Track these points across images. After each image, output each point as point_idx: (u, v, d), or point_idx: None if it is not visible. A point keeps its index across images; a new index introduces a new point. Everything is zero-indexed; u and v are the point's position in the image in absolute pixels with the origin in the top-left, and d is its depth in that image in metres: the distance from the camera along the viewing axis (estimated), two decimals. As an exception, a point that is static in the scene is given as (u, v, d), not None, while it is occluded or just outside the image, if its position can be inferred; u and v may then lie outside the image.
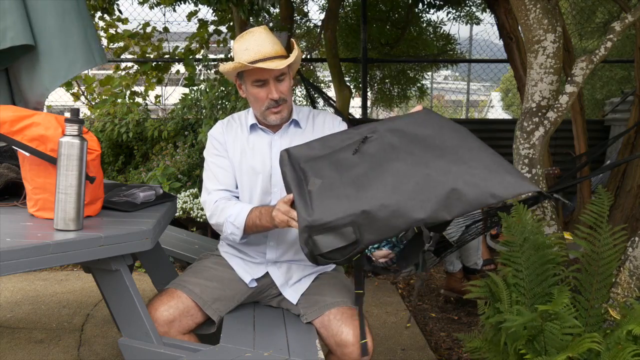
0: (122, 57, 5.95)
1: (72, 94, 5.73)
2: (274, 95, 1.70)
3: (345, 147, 1.43)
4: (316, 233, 1.29)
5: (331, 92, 6.37)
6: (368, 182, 1.31)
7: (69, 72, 2.19)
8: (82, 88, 5.76)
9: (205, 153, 1.84)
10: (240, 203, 1.73)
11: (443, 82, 14.11)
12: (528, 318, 1.46)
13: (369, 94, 6.73)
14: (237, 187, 1.79)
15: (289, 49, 1.74)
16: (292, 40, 1.92)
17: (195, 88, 4.70)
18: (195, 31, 5.74)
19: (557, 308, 1.43)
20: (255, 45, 1.67)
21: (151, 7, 5.38)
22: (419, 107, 1.50)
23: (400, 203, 1.27)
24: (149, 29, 5.82)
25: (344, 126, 1.84)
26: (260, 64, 1.64)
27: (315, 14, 18.60)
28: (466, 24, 6.50)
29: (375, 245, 3.23)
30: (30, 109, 1.64)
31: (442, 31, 6.47)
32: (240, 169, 1.78)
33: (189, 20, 5.63)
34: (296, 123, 1.81)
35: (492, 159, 1.31)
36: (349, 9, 6.47)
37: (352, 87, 5.95)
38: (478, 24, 6.69)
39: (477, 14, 6.41)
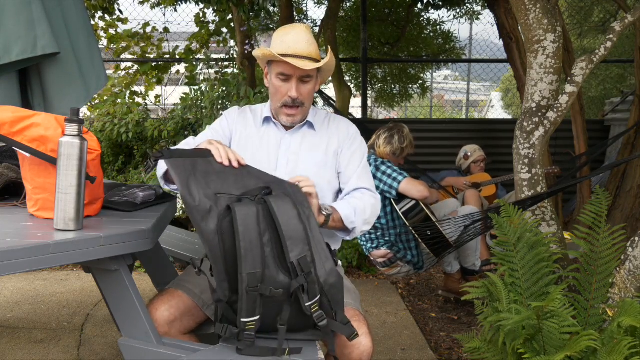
0: (122, 57, 5.95)
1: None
2: (292, 94, 1.70)
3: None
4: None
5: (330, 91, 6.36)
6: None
7: (97, 87, 2.34)
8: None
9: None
10: None
11: (443, 82, 14.12)
12: (524, 316, 1.46)
13: (369, 93, 6.72)
14: None
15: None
16: (329, 47, 1.89)
17: (195, 87, 4.71)
18: (195, 31, 5.74)
19: (551, 305, 1.44)
20: (291, 40, 1.68)
21: (152, 7, 5.38)
22: None
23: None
24: (149, 29, 5.82)
25: (357, 136, 1.82)
26: (288, 59, 1.64)
27: (315, 13, 18.60)
28: (465, 21, 6.52)
29: (374, 245, 3.24)
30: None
31: (441, 29, 6.49)
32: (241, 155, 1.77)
33: (196, 22, 5.63)
34: (310, 125, 1.81)
35: None
36: (349, 9, 6.48)
37: (352, 87, 5.95)
38: (477, 18, 6.70)
39: (476, 11, 6.43)
